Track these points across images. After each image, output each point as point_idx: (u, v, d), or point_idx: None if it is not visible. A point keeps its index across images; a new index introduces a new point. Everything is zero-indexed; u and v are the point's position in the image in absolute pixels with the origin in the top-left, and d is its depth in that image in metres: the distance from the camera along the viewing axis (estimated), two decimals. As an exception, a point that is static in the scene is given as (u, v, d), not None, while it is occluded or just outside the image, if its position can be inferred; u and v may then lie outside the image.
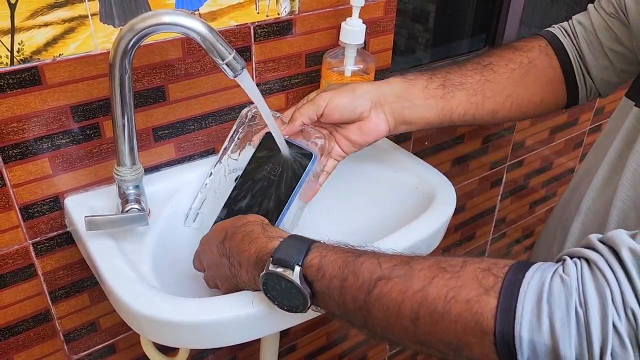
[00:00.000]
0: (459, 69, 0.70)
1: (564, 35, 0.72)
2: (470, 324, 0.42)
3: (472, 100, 0.69)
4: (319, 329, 1.21)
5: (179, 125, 0.75)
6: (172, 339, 0.59)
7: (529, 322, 0.40)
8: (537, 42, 0.73)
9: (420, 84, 0.68)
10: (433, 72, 0.70)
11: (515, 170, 1.43)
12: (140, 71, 0.68)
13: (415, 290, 0.45)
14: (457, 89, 0.69)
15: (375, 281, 0.47)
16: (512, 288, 0.41)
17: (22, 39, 0.59)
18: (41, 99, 0.63)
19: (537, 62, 0.71)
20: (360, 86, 0.67)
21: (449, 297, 0.43)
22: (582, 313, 0.39)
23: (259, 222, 0.58)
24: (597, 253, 0.41)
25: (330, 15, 0.80)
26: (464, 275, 0.44)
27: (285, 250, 0.52)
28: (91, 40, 0.63)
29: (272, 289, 0.53)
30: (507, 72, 0.70)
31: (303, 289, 0.50)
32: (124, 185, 0.65)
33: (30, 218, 0.68)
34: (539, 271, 0.42)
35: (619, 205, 0.58)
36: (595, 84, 0.72)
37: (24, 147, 0.64)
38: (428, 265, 0.46)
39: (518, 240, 1.66)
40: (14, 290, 0.72)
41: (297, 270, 0.50)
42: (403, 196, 0.78)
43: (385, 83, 0.68)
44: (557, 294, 0.40)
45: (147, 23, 0.54)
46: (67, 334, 0.80)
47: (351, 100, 0.65)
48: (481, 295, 0.42)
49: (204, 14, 0.69)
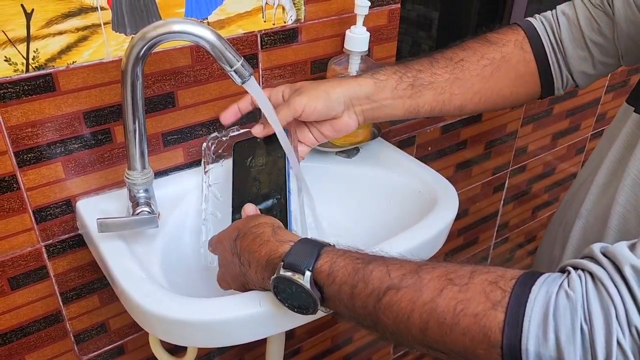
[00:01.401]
0: (429, 67, 0.71)
1: (543, 27, 0.73)
2: (478, 336, 0.43)
3: (439, 99, 0.71)
4: (324, 331, 1.22)
5: (188, 130, 0.77)
6: (181, 337, 0.60)
7: (535, 336, 0.41)
8: (513, 36, 0.73)
9: (390, 85, 0.69)
10: (405, 70, 0.70)
11: (517, 175, 1.44)
12: (150, 78, 0.70)
13: (425, 301, 0.46)
14: (426, 88, 0.70)
15: (385, 290, 0.48)
16: (519, 302, 0.42)
17: (38, 47, 0.61)
18: (55, 105, 0.65)
19: (510, 56, 0.72)
20: (333, 90, 0.68)
21: (457, 310, 0.44)
22: (587, 329, 0.40)
23: (270, 224, 0.59)
24: (601, 267, 0.42)
25: (335, 24, 0.82)
26: (472, 287, 0.45)
27: (295, 255, 0.52)
28: (104, 48, 0.65)
29: (282, 291, 0.54)
30: (478, 68, 0.71)
31: (313, 293, 0.51)
32: (134, 188, 0.66)
33: (43, 221, 0.70)
34: (544, 285, 0.43)
35: (619, 210, 0.58)
36: (573, 75, 0.72)
37: (37, 151, 0.66)
38: (437, 275, 0.47)
39: (521, 245, 1.66)
40: (26, 291, 0.73)
41: (308, 275, 0.51)
42: (406, 200, 0.79)
43: (357, 84, 0.69)
44: (562, 310, 0.41)
45: (157, 32, 0.56)
46: (77, 335, 0.81)
47: (326, 104, 0.67)
48: (489, 309, 0.43)
49: (212, 22, 0.71)
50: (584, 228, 0.66)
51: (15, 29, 0.59)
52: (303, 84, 0.69)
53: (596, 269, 0.42)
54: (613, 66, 0.70)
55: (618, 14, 0.66)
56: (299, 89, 0.68)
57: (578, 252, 0.66)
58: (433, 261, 0.50)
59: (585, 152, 1.61)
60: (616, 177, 0.62)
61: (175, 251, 0.70)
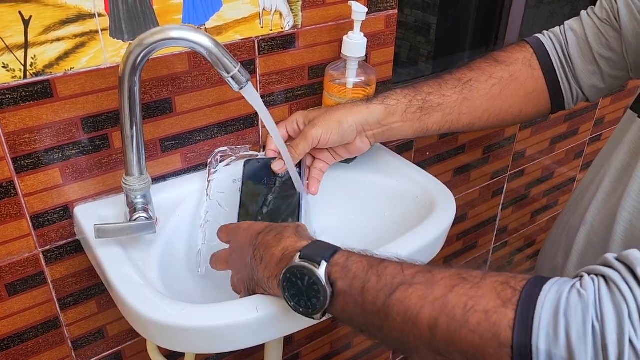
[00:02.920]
0: (439, 88, 0.74)
1: (551, 43, 0.74)
2: (488, 334, 0.43)
3: (448, 119, 0.74)
4: (323, 337, 1.22)
5: (186, 136, 0.77)
6: (178, 343, 0.60)
7: (546, 334, 0.41)
8: (521, 53, 0.75)
9: (400, 109, 0.72)
10: (414, 93, 0.73)
11: (516, 179, 1.44)
12: (148, 84, 0.70)
13: (436, 297, 0.46)
14: (435, 110, 0.73)
15: (398, 285, 0.48)
16: (530, 301, 0.42)
17: (35, 54, 0.61)
18: (53, 111, 0.65)
19: (519, 74, 0.73)
20: (346, 119, 0.71)
21: (468, 306, 0.44)
22: (598, 327, 0.40)
23: (295, 225, 0.60)
24: (614, 270, 0.42)
25: (332, 29, 0.82)
26: (484, 286, 0.45)
27: (313, 248, 0.54)
28: (101, 55, 0.65)
29: (291, 286, 0.53)
30: (486, 88, 0.73)
31: (326, 285, 0.51)
32: (132, 194, 0.66)
33: (40, 227, 0.70)
34: (556, 285, 0.43)
35: (625, 216, 0.58)
36: (583, 90, 0.73)
37: (35, 157, 0.66)
38: (449, 274, 0.47)
39: (520, 249, 1.67)
40: (24, 297, 0.73)
41: (324, 266, 0.52)
42: (404, 205, 0.79)
43: (367, 111, 0.72)
44: (574, 307, 0.41)
45: (155, 38, 0.56)
46: (75, 341, 0.81)
47: (340, 134, 0.71)
48: (499, 307, 0.43)
49: (210, 28, 0.71)
50: (589, 234, 0.66)
51: (13, 36, 0.59)
52: (316, 114, 0.73)
53: (609, 271, 0.42)
54: (622, 79, 0.71)
55: (625, 28, 0.66)
56: (313, 120, 0.72)
57: (582, 258, 0.66)
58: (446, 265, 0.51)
59: (583, 156, 1.61)
60: (622, 183, 0.62)
61: (173, 257, 0.70)
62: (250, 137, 0.83)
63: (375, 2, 0.85)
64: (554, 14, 1.46)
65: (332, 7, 0.81)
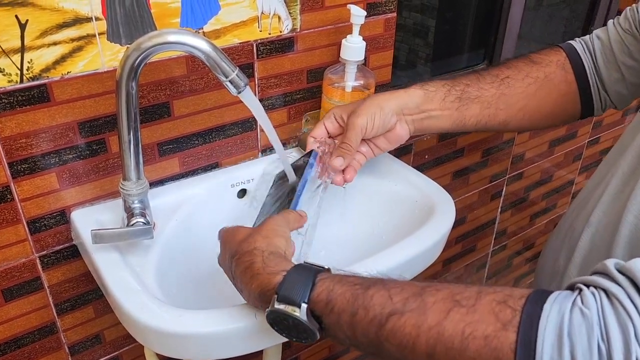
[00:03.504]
0: (477, 81, 0.74)
1: (582, 48, 0.75)
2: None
3: (485, 113, 0.73)
4: (321, 341, 1.21)
5: (183, 140, 0.76)
6: (175, 350, 0.60)
7: (549, 357, 0.39)
8: (555, 56, 0.76)
9: (438, 96, 0.72)
10: (453, 83, 0.73)
11: (515, 182, 1.44)
12: (145, 88, 0.70)
13: (430, 325, 0.44)
14: (473, 102, 0.73)
15: (388, 316, 0.46)
16: (531, 322, 0.41)
17: (32, 58, 0.61)
18: (49, 116, 0.64)
19: (553, 76, 0.74)
20: (386, 103, 0.71)
21: (466, 334, 0.43)
22: (604, 348, 0.38)
23: (261, 251, 0.56)
24: (616, 284, 0.41)
25: (331, 33, 0.82)
26: (480, 309, 0.43)
27: (289, 286, 0.50)
28: (98, 59, 0.65)
29: (279, 323, 0.52)
30: (522, 86, 0.74)
31: (311, 325, 0.49)
32: (129, 199, 0.66)
33: (37, 232, 0.70)
34: (556, 303, 0.41)
35: (631, 219, 0.58)
36: (610, 97, 0.75)
37: (32, 162, 0.66)
38: (442, 297, 0.45)
39: (519, 252, 1.66)
40: (20, 302, 0.73)
41: (304, 308, 0.49)
42: (403, 209, 0.79)
43: (406, 94, 0.72)
44: (577, 328, 0.39)
45: (152, 42, 0.56)
46: (72, 346, 0.81)
47: (382, 119, 0.70)
48: (499, 330, 0.42)
49: (208, 32, 0.71)
50: (593, 236, 0.65)
51: (9, 40, 0.59)
52: (354, 106, 0.72)
53: (611, 285, 0.41)
54: None
55: None
56: (354, 111, 0.71)
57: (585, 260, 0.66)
58: (435, 282, 0.48)
59: (582, 159, 1.61)
60: (629, 185, 0.61)
61: (170, 262, 0.69)
62: (248, 141, 0.83)
63: (374, 5, 0.85)
64: (552, 16, 1.46)
65: (330, 10, 0.80)
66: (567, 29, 1.48)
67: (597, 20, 1.42)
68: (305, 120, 0.87)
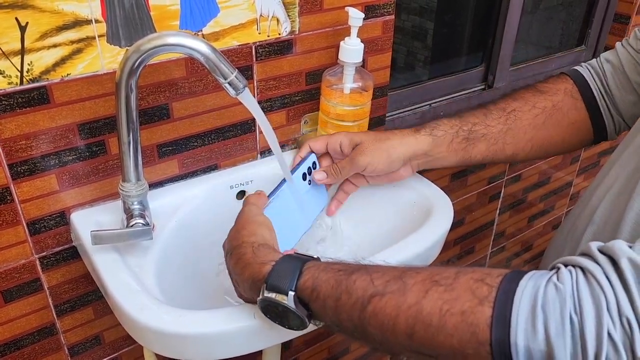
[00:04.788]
0: (484, 118, 0.75)
1: (590, 74, 0.75)
2: (466, 335, 0.43)
3: (492, 149, 0.75)
4: (321, 342, 1.22)
5: (183, 142, 0.77)
6: (175, 350, 0.60)
7: (524, 330, 0.41)
8: (563, 84, 0.76)
9: (447, 140, 0.74)
10: (461, 123, 0.74)
11: (513, 184, 1.44)
12: (145, 90, 0.70)
13: (410, 304, 0.46)
14: (480, 140, 0.74)
15: (369, 298, 0.48)
16: (507, 297, 0.42)
17: (32, 60, 0.61)
18: (49, 117, 0.65)
19: (561, 104, 0.75)
20: (394, 150, 0.72)
21: (443, 311, 0.44)
22: (577, 320, 0.40)
23: (251, 243, 0.58)
24: (595, 263, 0.42)
25: (329, 35, 0.82)
26: (458, 287, 0.45)
27: (277, 276, 0.53)
28: (98, 61, 0.65)
29: (270, 311, 0.54)
30: (530, 117, 0.74)
31: (299, 312, 0.52)
32: (128, 200, 0.66)
33: (37, 233, 0.70)
34: (532, 279, 0.43)
35: (632, 216, 0.58)
36: (625, 119, 0.74)
37: (32, 163, 0.66)
38: (421, 278, 0.47)
39: (517, 254, 1.67)
40: (20, 304, 0.73)
41: (291, 295, 0.51)
42: (401, 211, 0.79)
43: (416, 142, 0.73)
44: (551, 301, 0.41)
45: (152, 44, 0.56)
46: (71, 348, 0.81)
47: (387, 165, 0.72)
48: (476, 306, 0.43)
49: (207, 34, 0.72)
50: (595, 234, 0.66)
51: (9, 42, 0.59)
52: (362, 138, 0.73)
53: (588, 263, 0.42)
54: None
55: None
56: (360, 145, 0.72)
57: None
58: (416, 265, 0.50)
59: (580, 160, 1.62)
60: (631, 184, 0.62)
61: (169, 263, 0.70)
62: (247, 143, 0.83)
63: (372, 8, 0.85)
64: (550, 19, 1.46)
65: (329, 13, 0.81)
66: (565, 32, 1.49)
67: (594, 23, 1.43)
68: (304, 122, 0.88)
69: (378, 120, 0.97)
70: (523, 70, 1.33)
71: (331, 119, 0.82)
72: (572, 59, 1.43)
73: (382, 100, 0.96)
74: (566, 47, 1.44)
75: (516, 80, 1.31)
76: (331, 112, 0.82)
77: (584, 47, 1.45)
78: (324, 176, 0.74)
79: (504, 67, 1.26)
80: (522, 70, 1.33)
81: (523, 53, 1.39)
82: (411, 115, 1.14)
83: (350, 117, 0.81)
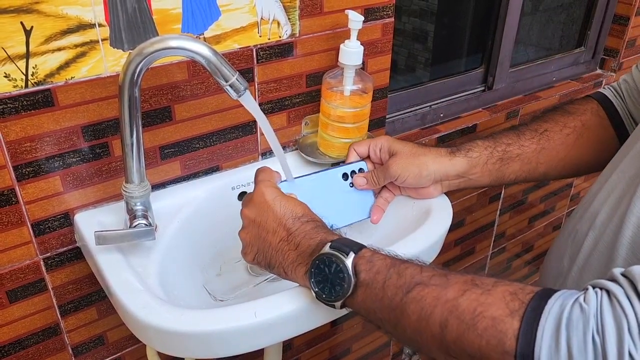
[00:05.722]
0: (517, 139, 0.76)
1: (614, 95, 0.78)
2: (494, 340, 0.45)
3: (525, 168, 0.77)
4: (322, 342, 1.22)
5: (185, 143, 0.78)
6: (177, 349, 0.61)
7: (548, 346, 0.43)
8: (589, 105, 0.78)
9: (481, 161, 0.75)
10: (495, 144, 0.76)
11: (513, 185, 1.44)
12: (147, 92, 0.71)
13: (448, 298, 0.49)
14: (514, 160, 0.76)
15: (415, 284, 0.52)
16: (535, 313, 0.45)
17: (37, 63, 0.62)
18: (54, 120, 0.66)
19: (590, 123, 0.77)
20: (426, 166, 0.73)
21: (477, 312, 0.47)
22: (599, 340, 0.41)
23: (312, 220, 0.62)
24: (618, 285, 0.44)
25: (329, 38, 0.83)
26: (494, 294, 0.48)
27: (343, 241, 0.57)
28: (101, 64, 0.66)
29: (319, 273, 0.57)
30: (561, 137, 0.76)
31: (351, 274, 0.55)
32: (131, 201, 0.67)
33: (41, 234, 0.71)
34: (560, 299, 0.45)
35: (634, 221, 0.59)
36: None
37: (36, 165, 0.67)
38: (463, 280, 0.50)
39: (518, 255, 1.67)
40: (24, 304, 0.74)
41: (352, 256, 0.55)
42: (400, 211, 0.80)
43: (450, 163, 0.74)
44: (575, 321, 0.43)
45: (154, 47, 0.57)
46: (75, 347, 0.82)
47: (417, 179, 0.74)
48: (507, 316, 0.46)
49: (208, 37, 0.72)
50: (596, 239, 0.67)
51: (14, 46, 0.60)
52: (400, 148, 0.74)
53: (613, 286, 0.44)
54: None
55: None
56: (396, 154, 0.74)
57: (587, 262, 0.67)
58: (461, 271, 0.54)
59: (580, 162, 1.61)
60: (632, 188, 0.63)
61: (172, 263, 0.70)
62: (249, 145, 0.84)
63: (371, 10, 0.86)
64: (549, 21, 1.47)
65: (329, 15, 0.82)
66: (564, 34, 1.49)
67: (593, 24, 1.43)
68: (305, 123, 0.88)
69: (378, 121, 0.98)
70: (523, 71, 1.34)
71: (332, 120, 0.83)
72: (572, 60, 1.43)
73: (382, 102, 0.97)
74: (566, 49, 1.45)
75: (516, 81, 1.32)
76: (332, 114, 0.82)
77: (584, 48, 1.45)
78: (364, 182, 0.76)
79: (503, 69, 1.27)
80: (521, 71, 1.33)
81: (523, 54, 1.39)
82: (411, 117, 1.14)
83: (350, 119, 0.82)
